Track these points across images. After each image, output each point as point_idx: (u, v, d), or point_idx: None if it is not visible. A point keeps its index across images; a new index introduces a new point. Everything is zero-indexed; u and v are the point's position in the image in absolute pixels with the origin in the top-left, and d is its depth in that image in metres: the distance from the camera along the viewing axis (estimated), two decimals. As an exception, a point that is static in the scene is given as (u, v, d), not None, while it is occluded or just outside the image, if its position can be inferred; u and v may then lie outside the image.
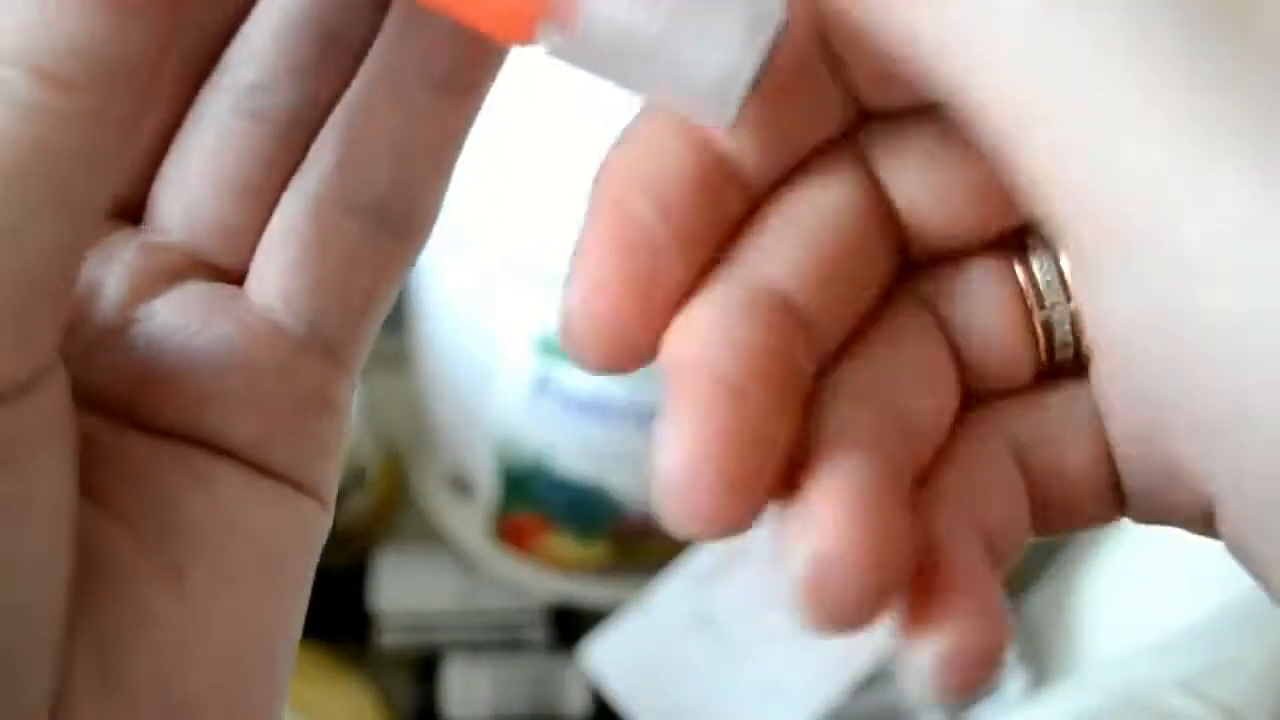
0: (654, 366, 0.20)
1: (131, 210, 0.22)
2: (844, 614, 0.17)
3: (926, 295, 0.20)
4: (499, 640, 0.56)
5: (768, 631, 0.50)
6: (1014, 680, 0.51)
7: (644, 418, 0.49)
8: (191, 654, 0.19)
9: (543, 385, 0.49)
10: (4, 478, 0.17)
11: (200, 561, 0.19)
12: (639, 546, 0.55)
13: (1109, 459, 0.20)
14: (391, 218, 0.21)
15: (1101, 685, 0.42)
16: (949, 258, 0.20)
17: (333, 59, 0.21)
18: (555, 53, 0.18)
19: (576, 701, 0.54)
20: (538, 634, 0.56)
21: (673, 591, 0.50)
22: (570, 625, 0.56)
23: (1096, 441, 0.20)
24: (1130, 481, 0.20)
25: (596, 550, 0.55)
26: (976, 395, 0.20)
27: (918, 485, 0.18)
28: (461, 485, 0.56)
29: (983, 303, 0.20)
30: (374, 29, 0.21)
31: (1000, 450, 0.19)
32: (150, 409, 0.20)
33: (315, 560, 0.21)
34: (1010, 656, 0.52)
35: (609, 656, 0.50)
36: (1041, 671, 0.51)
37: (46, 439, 0.18)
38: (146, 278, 0.21)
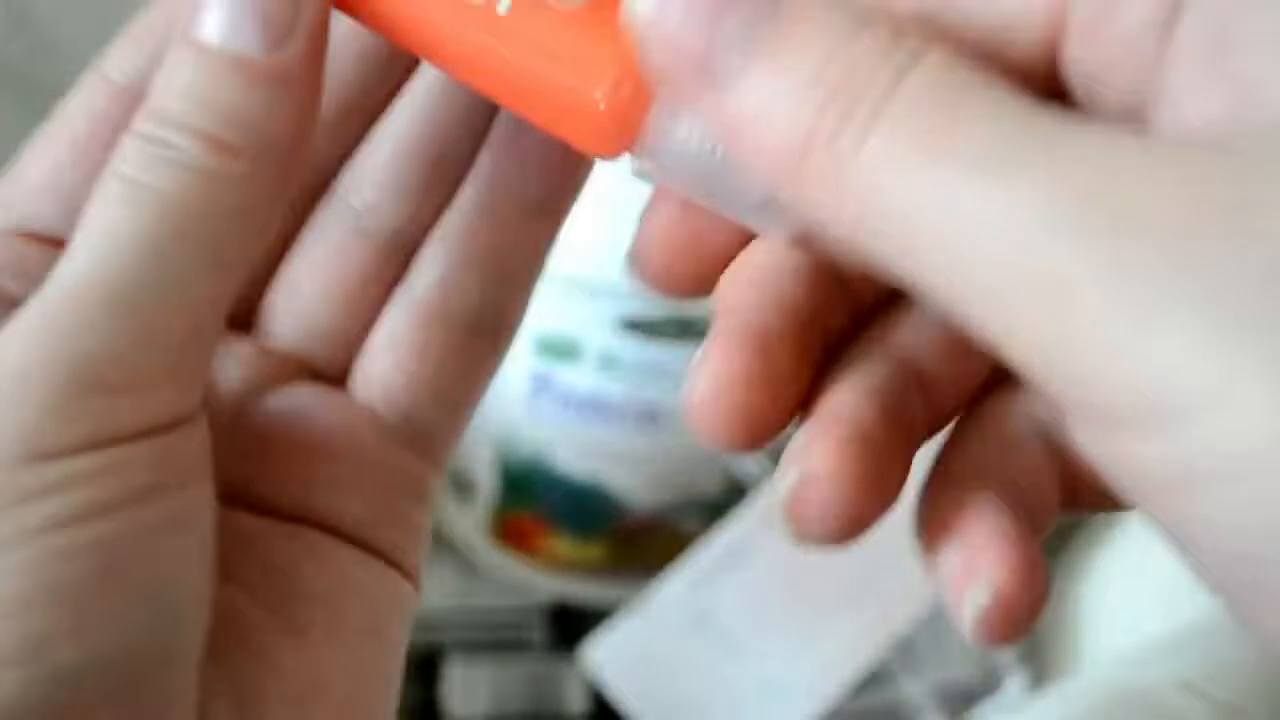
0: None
1: (239, 319, 0.24)
2: (823, 530, 0.19)
3: None
4: (499, 640, 0.56)
5: (767, 631, 0.50)
6: (1014, 680, 0.51)
7: (644, 418, 0.49)
8: (314, 707, 0.21)
9: (542, 384, 0.49)
10: (171, 497, 0.19)
11: (317, 621, 0.21)
12: (639, 546, 0.55)
13: None
14: (484, 327, 0.24)
15: (1101, 685, 0.42)
16: None
17: (436, 185, 0.24)
18: (640, 174, 0.20)
19: (576, 701, 0.54)
20: (538, 634, 0.56)
21: (673, 591, 0.50)
22: (570, 625, 0.56)
23: None
24: None
25: (596, 550, 0.55)
26: (1002, 375, 0.21)
27: (925, 437, 0.21)
28: (461, 485, 0.56)
29: None
30: (473, 157, 0.24)
31: (1025, 429, 0.20)
32: (264, 492, 0.22)
33: (408, 636, 0.23)
34: (1010, 656, 0.52)
35: (609, 656, 0.50)
36: (1041, 671, 0.51)
37: (200, 472, 0.20)
38: (260, 375, 0.23)
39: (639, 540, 0.55)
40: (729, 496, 0.52)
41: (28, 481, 0.17)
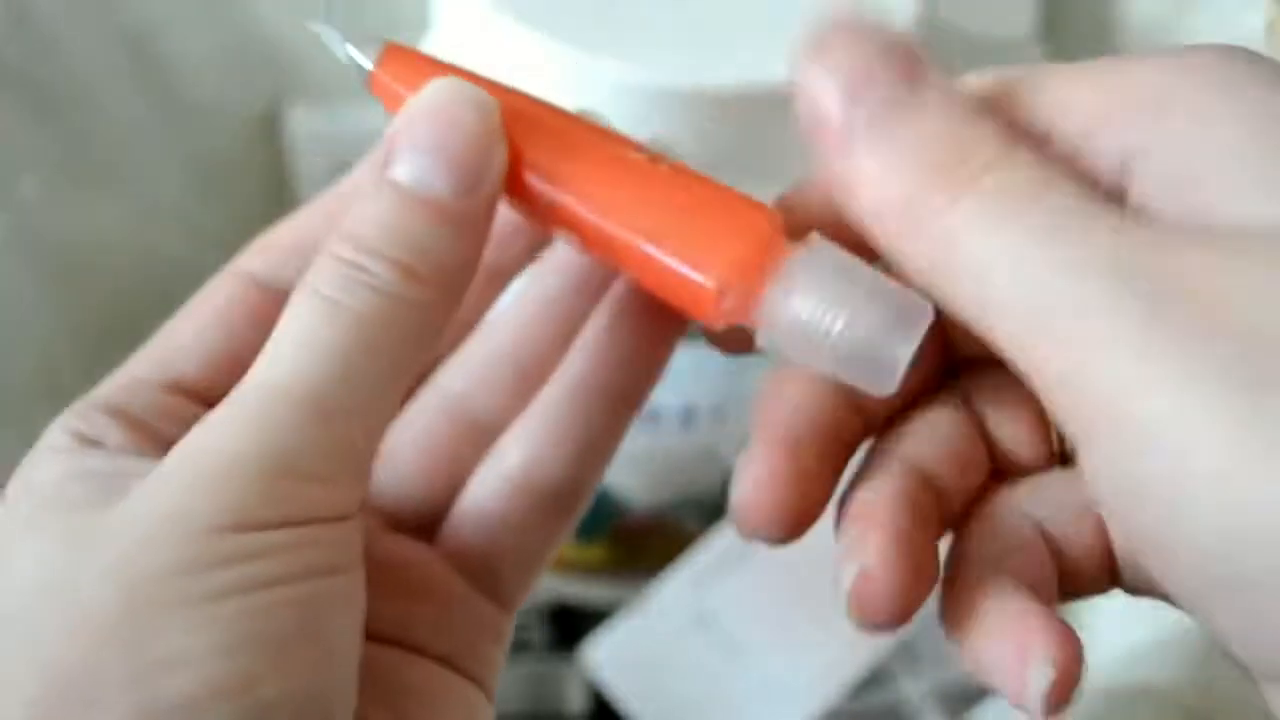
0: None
1: None
2: (880, 617, 0.23)
3: (966, 393, 0.26)
4: (499, 640, 0.56)
5: (768, 631, 0.50)
6: (1014, 680, 0.51)
7: (644, 418, 0.49)
8: None
9: (543, 385, 0.49)
10: (346, 576, 0.21)
11: (421, 714, 0.24)
12: (639, 546, 0.55)
13: (1105, 533, 0.24)
14: (564, 501, 0.28)
15: (1102, 685, 0.42)
16: (989, 362, 0.25)
17: (523, 385, 0.28)
18: (762, 344, 0.23)
19: (576, 701, 0.54)
20: (538, 634, 0.56)
21: (673, 591, 0.50)
22: (570, 625, 0.56)
23: (1095, 518, 0.24)
24: (1122, 557, 0.24)
25: (596, 550, 0.55)
26: (1004, 473, 0.25)
27: (942, 532, 0.24)
28: (461, 485, 0.56)
29: (1010, 399, 0.25)
30: (559, 359, 0.28)
31: (1027, 526, 0.24)
32: (369, 622, 0.24)
33: None
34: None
35: (609, 656, 0.50)
36: (1041, 671, 0.51)
37: (360, 562, 0.22)
38: (367, 523, 0.26)
39: (639, 540, 0.55)
40: (729, 496, 0.52)
41: (230, 548, 0.20)
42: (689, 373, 0.47)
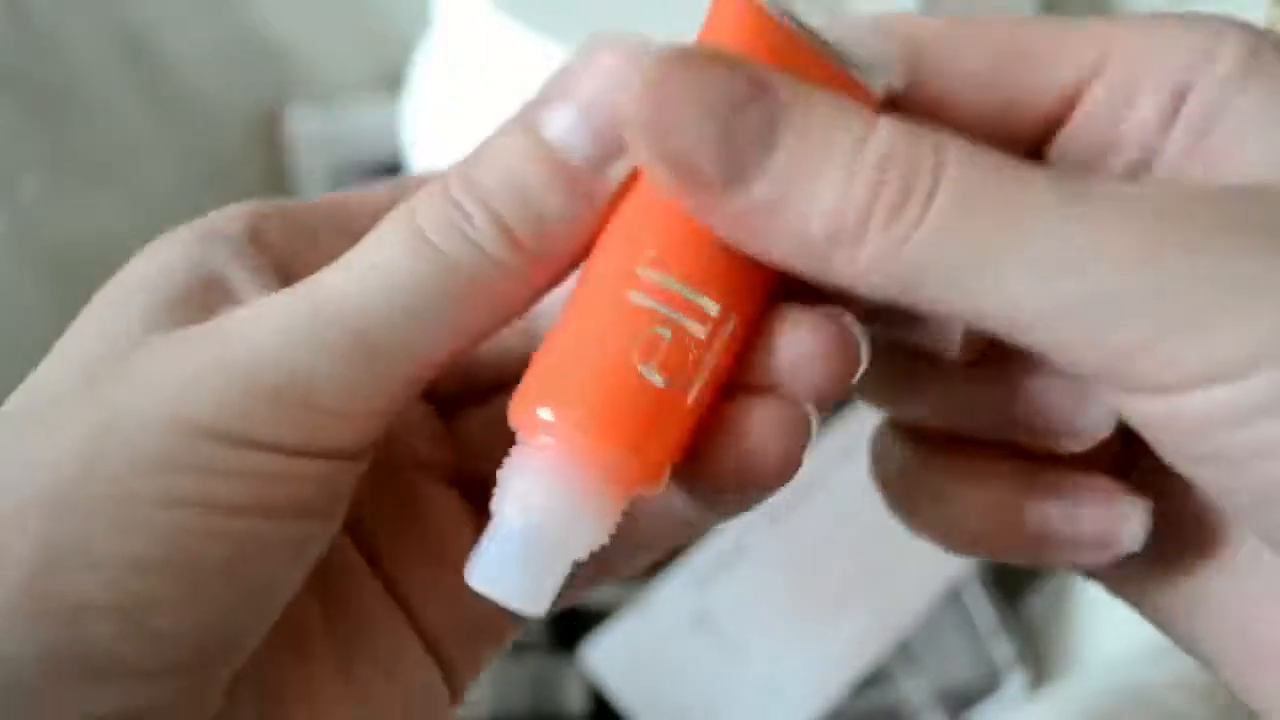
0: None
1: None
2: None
3: None
4: (499, 640, 0.56)
5: (767, 631, 0.50)
6: (1014, 680, 0.51)
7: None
8: None
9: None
10: (310, 524, 0.20)
11: (373, 676, 0.23)
12: (639, 546, 0.55)
13: None
14: None
15: (1101, 685, 0.42)
16: None
17: None
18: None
19: (576, 701, 0.54)
20: (538, 634, 0.56)
21: (672, 591, 0.50)
22: (570, 625, 0.56)
23: None
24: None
25: (596, 550, 0.55)
26: None
27: None
28: (461, 485, 0.56)
29: None
30: None
31: None
32: (389, 562, 0.23)
33: None
34: (1010, 656, 0.52)
35: (609, 656, 0.50)
36: (1041, 671, 0.51)
37: (339, 511, 0.21)
38: (449, 472, 0.25)
39: (639, 540, 0.55)
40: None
41: (206, 455, 0.19)
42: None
